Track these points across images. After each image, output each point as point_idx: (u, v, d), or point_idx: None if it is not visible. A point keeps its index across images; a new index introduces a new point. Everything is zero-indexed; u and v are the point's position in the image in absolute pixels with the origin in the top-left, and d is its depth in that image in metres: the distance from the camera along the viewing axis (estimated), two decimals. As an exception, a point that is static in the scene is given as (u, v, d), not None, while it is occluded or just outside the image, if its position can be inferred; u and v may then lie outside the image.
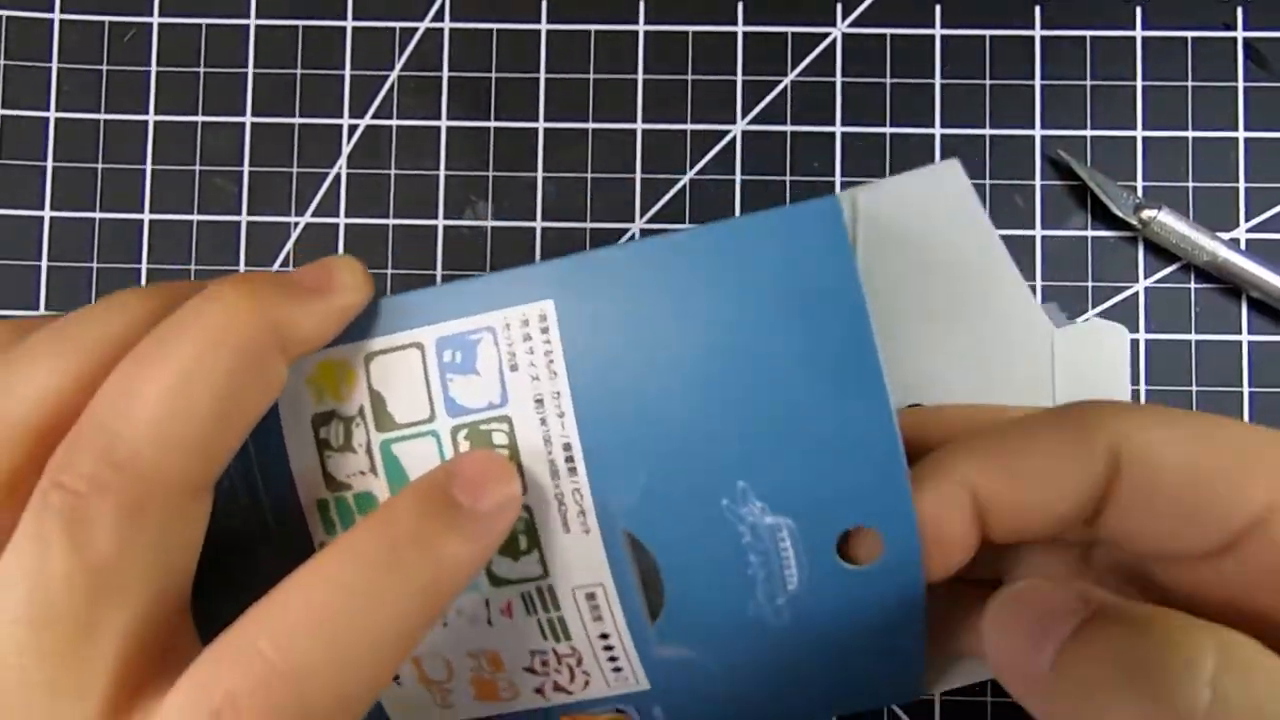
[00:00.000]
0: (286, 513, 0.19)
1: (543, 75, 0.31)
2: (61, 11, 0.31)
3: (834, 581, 0.18)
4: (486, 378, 0.18)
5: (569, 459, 0.18)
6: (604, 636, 0.20)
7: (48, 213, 0.31)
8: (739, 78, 0.31)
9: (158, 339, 0.17)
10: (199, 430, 0.16)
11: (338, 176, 0.31)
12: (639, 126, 0.31)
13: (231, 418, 0.17)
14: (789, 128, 0.31)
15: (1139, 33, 0.31)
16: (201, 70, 0.31)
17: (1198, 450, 0.16)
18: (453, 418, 0.19)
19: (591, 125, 0.31)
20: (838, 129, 0.31)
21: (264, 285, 0.17)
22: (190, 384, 0.16)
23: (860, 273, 0.17)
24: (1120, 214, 0.29)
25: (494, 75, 0.31)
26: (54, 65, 0.31)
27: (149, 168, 0.31)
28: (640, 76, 0.31)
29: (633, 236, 0.30)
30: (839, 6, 0.31)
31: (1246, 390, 0.30)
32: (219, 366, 0.16)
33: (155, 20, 0.31)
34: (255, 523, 0.20)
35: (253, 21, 0.31)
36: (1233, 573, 0.17)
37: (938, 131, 0.30)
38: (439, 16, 0.31)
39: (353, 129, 0.31)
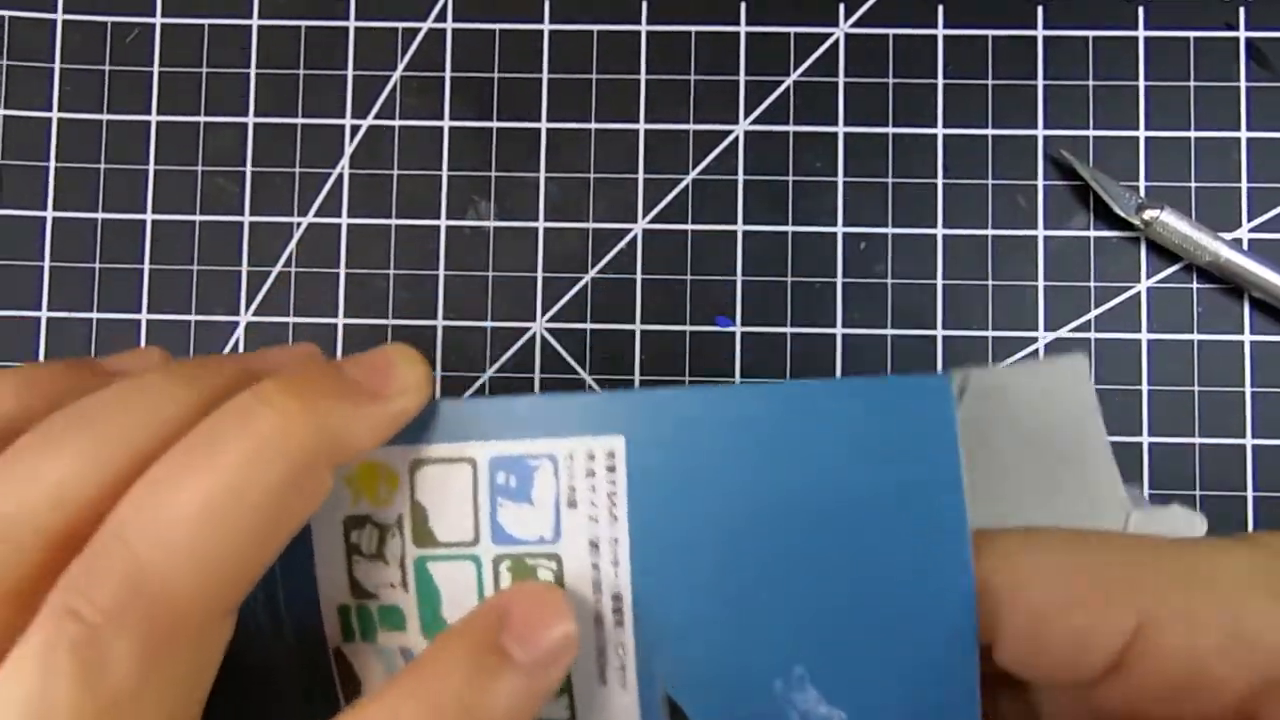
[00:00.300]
0: (305, 615, 0.18)
1: (545, 75, 0.31)
2: (64, 12, 0.31)
3: None
4: (540, 509, 0.17)
5: (617, 610, 0.17)
6: None
7: (50, 213, 0.31)
8: (741, 78, 0.31)
9: (201, 443, 0.15)
10: (237, 552, 0.14)
11: (340, 177, 0.31)
12: (641, 126, 0.31)
13: (273, 535, 0.15)
14: (791, 128, 0.31)
15: (1141, 33, 0.31)
16: (204, 70, 0.31)
17: (1063, 579, 0.16)
18: (497, 545, 0.17)
19: (594, 125, 0.31)
20: (840, 129, 0.31)
21: (320, 388, 0.16)
22: (233, 501, 0.14)
23: (963, 466, 0.16)
24: (1122, 214, 0.29)
25: (496, 75, 0.31)
26: (56, 65, 0.31)
27: (151, 168, 0.31)
28: (643, 76, 0.31)
29: (635, 237, 0.30)
30: (841, 6, 0.31)
31: (1248, 390, 0.30)
32: (266, 482, 0.15)
33: (157, 20, 0.31)
34: (270, 625, 0.19)
35: (255, 22, 0.31)
36: (1125, 690, 0.16)
37: (940, 131, 0.30)
38: (441, 16, 0.31)
39: (355, 129, 0.31)
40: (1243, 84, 0.30)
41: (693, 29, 0.31)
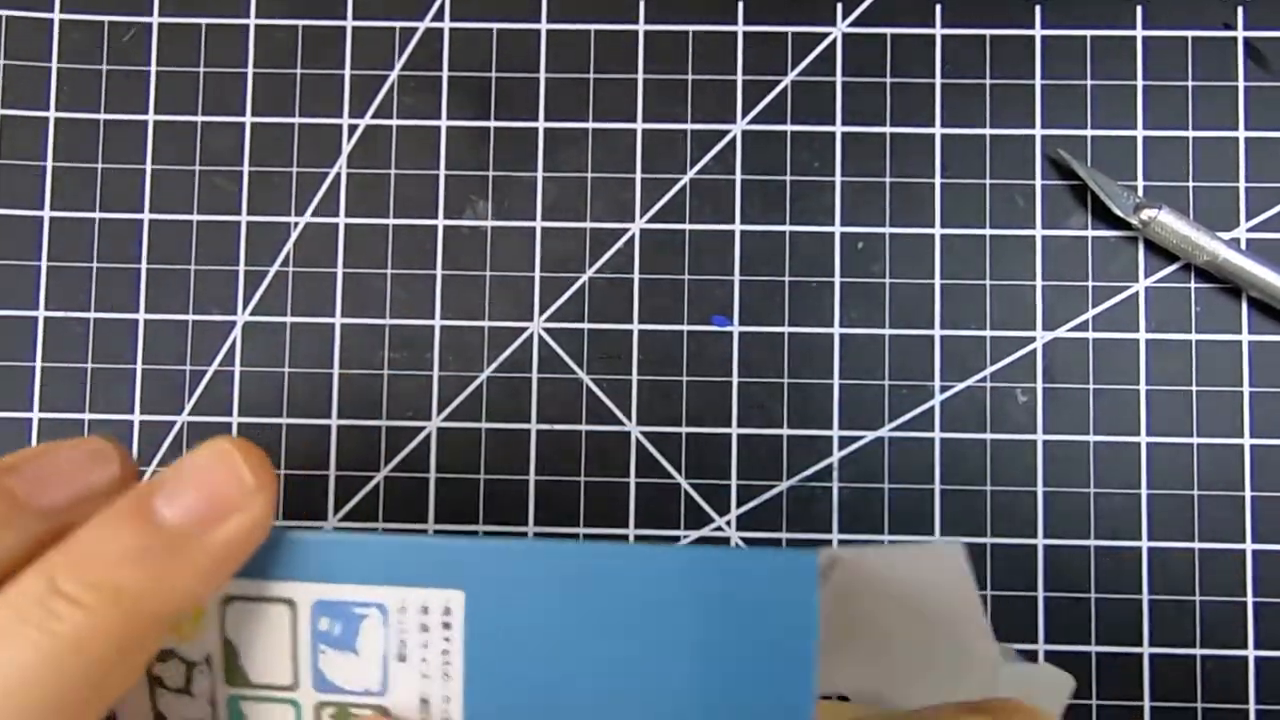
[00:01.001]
0: None
1: (543, 75, 0.31)
2: (61, 11, 0.31)
3: None
4: (366, 660, 0.16)
5: None
6: None
7: (47, 213, 0.31)
8: (739, 77, 0.31)
9: None
10: None
11: (338, 176, 0.31)
12: (639, 126, 0.31)
13: None
14: (789, 127, 0.31)
15: (1139, 32, 0.31)
16: (201, 70, 0.31)
17: None
18: (319, 693, 0.16)
19: (591, 125, 0.31)
20: (838, 128, 0.31)
21: (129, 555, 0.13)
22: (14, 707, 0.12)
23: (816, 647, 0.16)
24: (1120, 214, 0.29)
25: (494, 75, 0.31)
26: (54, 65, 0.31)
27: (149, 167, 0.31)
28: (640, 76, 0.31)
29: (633, 236, 0.30)
30: (839, 6, 0.31)
31: (1247, 390, 0.30)
32: (60, 691, 0.13)
33: (155, 20, 0.31)
34: None
35: (252, 21, 0.31)
36: None
37: (938, 131, 0.30)
38: (439, 16, 0.31)
39: (353, 129, 0.31)
40: (1241, 84, 0.30)
41: (690, 28, 0.31)
